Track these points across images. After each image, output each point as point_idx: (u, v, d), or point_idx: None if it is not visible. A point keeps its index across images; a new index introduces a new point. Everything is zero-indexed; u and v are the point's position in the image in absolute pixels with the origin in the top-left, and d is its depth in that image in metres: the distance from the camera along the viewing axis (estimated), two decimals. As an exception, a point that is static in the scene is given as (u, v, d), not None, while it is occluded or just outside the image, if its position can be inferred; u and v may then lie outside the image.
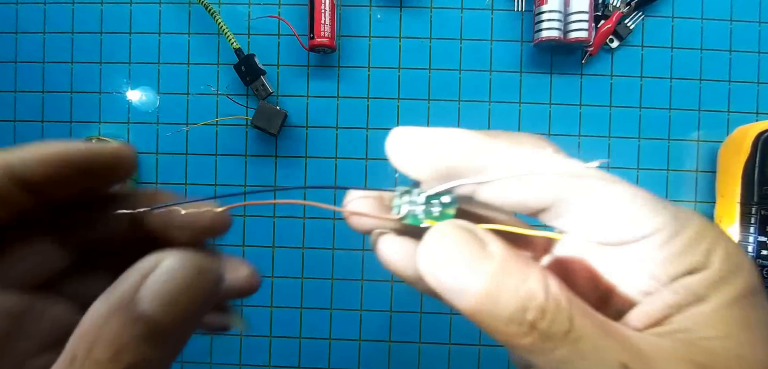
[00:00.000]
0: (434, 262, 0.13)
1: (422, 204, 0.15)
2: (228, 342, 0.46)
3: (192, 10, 0.45)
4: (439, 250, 0.13)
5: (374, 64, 0.45)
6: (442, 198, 0.15)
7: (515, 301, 0.13)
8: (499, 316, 0.13)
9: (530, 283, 0.13)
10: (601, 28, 0.43)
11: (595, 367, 0.13)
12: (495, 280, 0.13)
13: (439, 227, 0.14)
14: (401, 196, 0.16)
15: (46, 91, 0.45)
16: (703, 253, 0.14)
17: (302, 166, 0.45)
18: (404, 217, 0.15)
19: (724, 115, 0.44)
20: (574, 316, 0.13)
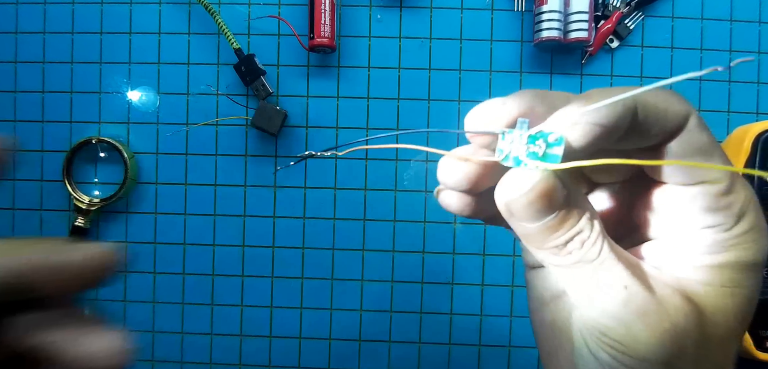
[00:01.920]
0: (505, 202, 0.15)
1: (525, 145, 0.15)
2: (228, 342, 0.46)
3: (192, 10, 0.45)
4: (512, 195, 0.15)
5: (374, 64, 0.45)
6: (549, 137, 0.14)
7: (564, 238, 0.15)
8: (544, 244, 0.16)
9: (581, 223, 0.15)
10: (601, 28, 0.43)
11: (602, 286, 0.16)
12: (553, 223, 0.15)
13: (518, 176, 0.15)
14: (504, 139, 0.15)
15: (46, 91, 0.45)
16: (735, 216, 0.16)
17: (302, 166, 0.45)
18: (506, 159, 0.15)
19: (724, 115, 0.44)
20: (603, 248, 0.16)
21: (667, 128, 0.16)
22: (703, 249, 0.17)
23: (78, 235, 0.44)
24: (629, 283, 0.16)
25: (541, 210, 0.15)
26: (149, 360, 0.46)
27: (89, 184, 0.45)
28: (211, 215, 0.45)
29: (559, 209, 0.15)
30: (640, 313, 0.15)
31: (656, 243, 0.18)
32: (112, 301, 0.46)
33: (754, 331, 0.39)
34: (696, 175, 0.16)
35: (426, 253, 0.45)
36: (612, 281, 0.16)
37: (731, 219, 0.16)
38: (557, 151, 0.14)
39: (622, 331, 0.15)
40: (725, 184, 0.16)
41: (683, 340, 0.16)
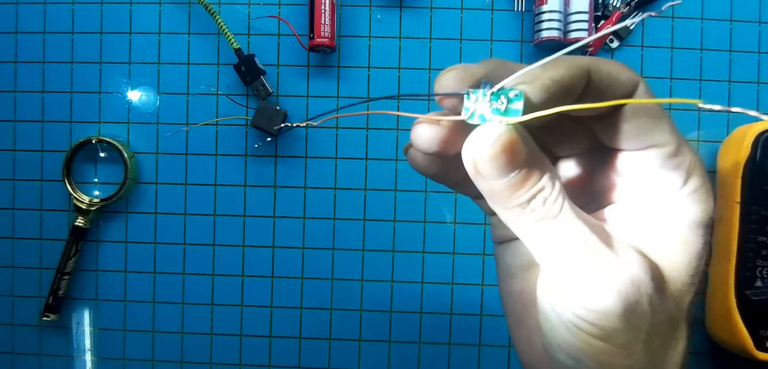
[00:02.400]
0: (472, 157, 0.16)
1: (488, 102, 0.16)
2: (228, 342, 0.46)
3: (192, 10, 0.45)
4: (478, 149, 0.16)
5: (374, 64, 0.45)
6: (510, 94, 0.15)
7: (527, 195, 0.16)
8: (509, 202, 0.16)
9: (543, 181, 0.16)
10: (601, 28, 0.43)
11: (563, 241, 0.16)
12: (516, 180, 0.16)
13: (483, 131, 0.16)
14: (469, 99, 0.16)
15: (46, 91, 0.45)
16: (684, 175, 0.17)
17: (302, 166, 0.45)
18: (471, 117, 0.16)
19: (724, 115, 0.44)
20: (564, 205, 0.16)
21: (618, 92, 0.17)
22: (656, 209, 0.18)
23: (78, 235, 0.44)
24: (588, 238, 0.16)
25: (506, 164, 0.15)
26: (149, 360, 0.46)
27: (89, 184, 0.46)
28: (211, 215, 0.45)
29: (522, 166, 0.16)
30: (599, 267, 0.16)
31: (614, 207, 0.19)
32: (113, 301, 0.46)
33: (754, 331, 0.39)
34: (646, 139, 0.17)
35: (426, 253, 0.45)
36: (572, 236, 0.16)
37: (680, 179, 0.17)
38: (518, 106, 0.15)
39: (583, 285, 0.16)
40: (673, 147, 0.17)
41: (640, 293, 0.16)
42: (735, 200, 0.40)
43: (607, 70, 0.17)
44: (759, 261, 0.40)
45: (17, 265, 0.46)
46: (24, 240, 0.46)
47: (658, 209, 0.18)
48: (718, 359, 0.44)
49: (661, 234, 0.18)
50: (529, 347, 0.22)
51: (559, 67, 0.16)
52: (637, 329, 0.17)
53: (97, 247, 0.46)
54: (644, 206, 0.18)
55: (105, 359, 0.46)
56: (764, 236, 0.39)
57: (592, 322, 0.16)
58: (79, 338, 0.46)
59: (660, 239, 0.18)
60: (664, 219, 0.18)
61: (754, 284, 0.40)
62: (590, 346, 0.17)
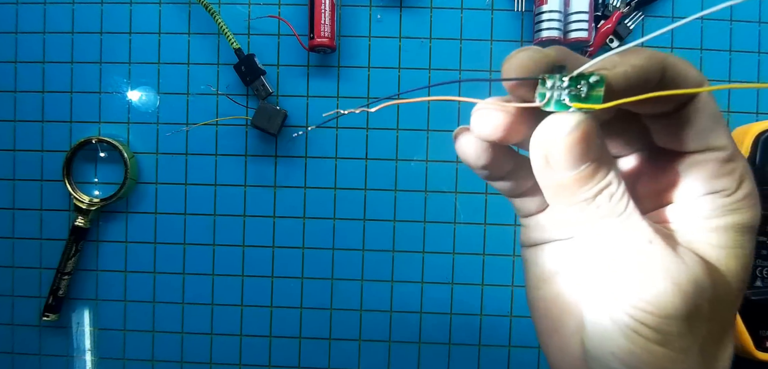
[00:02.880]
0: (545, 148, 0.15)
1: (566, 88, 0.15)
2: (228, 342, 0.46)
3: (192, 10, 0.45)
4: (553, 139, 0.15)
5: (374, 64, 0.45)
6: (591, 79, 0.14)
7: (595, 191, 0.16)
8: (575, 197, 0.16)
9: (610, 176, 0.16)
10: (601, 28, 0.43)
11: (627, 239, 0.16)
12: (586, 173, 0.16)
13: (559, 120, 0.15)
14: (544, 84, 0.15)
15: (46, 91, 0.45)
16: (737, 180, 0.17)
17: (302, 166, 0.45)
18: (548, 103, 0.15)
19: (724, 115, 0.44)
20: (629, 204, 0.16)
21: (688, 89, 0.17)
22: (711, 213, 0.18)
23: (78, 235, 0.44)
24: (653, 239, 0.16)
25: (580, 155, 0.15)
26: (149, 360, 0.46)
27: (89, 184, 0.46)
28: (211, 215, 0.45)
29: (594, 159, 0.15)
30: (664, 268, 0.16)
31: (669, 209, 0.19)
32: (113, 302, 0.46)
33: (754, 331, 0.39)
34: (706, 141, 0.17)
35: (426, 253, 0.45)
36: (637, 235, 0.16)
37: (734, 184, 0.17)
38: (599, 92, 0.14)
39: (648, 286, 0.16)
40: (729, 152, 0.17)
41: (701, 296, 0.16)
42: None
43: (680, 65, 0.16)
44: (759, 261, 0.40)
45: (17, 265, 0.46)
46: (24, 240, 0.46)
47: (711, 213, 0.18)
48: (718, 359, 0.44)
49: (716, 238, 0.18)
50: (563, 354, 0.21)
51: (638, 55, 0.15)
52: (696, 333, 0.16)
53: (97, 247, 0.46)
54: (698, 210, 0.18)
55: (105, 359, 0.46)
56: (764, 236, 0.39)
57: (654, 326, 0.16)
58: (79, 338, 0.46)
59: (716, 243, 0.18)
60: (720, 222, 0.18)
61: (754, 284, 0.40)
62: (648, 352, 0.16)
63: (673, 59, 0.16)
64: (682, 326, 0.16)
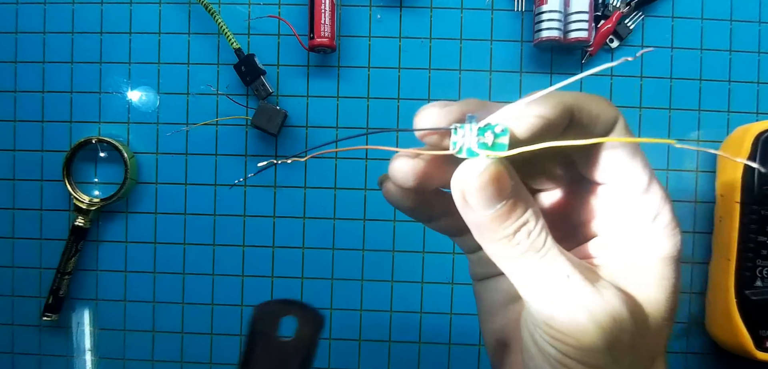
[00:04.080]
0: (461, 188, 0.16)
1: (475, 137, 0.16)
2: (228, 342, 0.46)
3: (192, 10, 0.45)
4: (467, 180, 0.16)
5: (374, 64, 0.45)
6: (495, 129, 0.16)
7: (513, 228, 0.16)
8: (495, 234, 0.17)
9: (528, 215, 0.17)
10: (601, 28, 0.43)
11: (547, 275, 0.17)
12: (502, 211, 0.16)
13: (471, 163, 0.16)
14: (456, 133, 0.17)
15: (46, 91, 0.45)
16: (655, 211, 0.18)
17: (302, 166, 0.45)
18: (460, 151, 0.17)
19: (724, 115, 0.44)
20: (547, 240, 0.17)
21: (598, 129, 0.17)
22: (632, 244, 0.19)
23: (78, 235, 0.44)
24: (571, 273, 0.17)
25: (493, 195, 0.16)
26: (149, 360, 0.46)
27: (89, 184, 0.46)
28: (211, 215, 0.45)
29: (508, 198, 0.16)
30: (581, 302, 0.16)
31: (595, 241, 0.20)
32: (113, 301, 0.46)
33: (754, 331, 0.39)
34: (622, 173, 0.18)
35: (426, 253, 0.45)
36: (555, 271, 0.17)
37: (651, 213, 0.18)
38: (504, 141, 0.16)
39: (566, 319, 0.17)
40: (646, 182, 0.18)
41: (621, 329, 0.17)
42: (735, 200, 0.40)
43: (589, 106, 0.17)
44: (759, 261, 0.40)
45: (17, 265, 0.46)
46: (24, 240, 0.46)
47: (634, 243, 0.18)
48: (718, 359, 0.44)
49: (639, 269, 0.18)
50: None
51: (543, 104, 0.16)
52: (619, 364, 0.17)
53: (97, 247, 0.46)
54: (622, 241, 0.19)
55: (105, 359, 0.46)
56: (764, 236, 0.39)
57: (575, 358, 0.17)
58: (79, 338, 0.46)
59: (638, 274, 0.18)
60: (641, 253, 0.18)
61: (754, 284, 0.40)
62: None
63: (582, 100, 0.17)
64: (604, 358, 0.16)
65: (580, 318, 0.16)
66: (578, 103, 0.17)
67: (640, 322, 0.18)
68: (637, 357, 0.18)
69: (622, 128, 0.18)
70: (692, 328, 0.44)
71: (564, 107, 0.16)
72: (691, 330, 0.44)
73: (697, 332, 0.44)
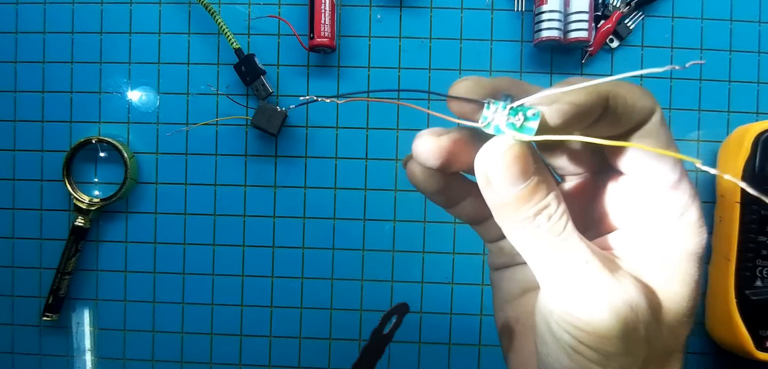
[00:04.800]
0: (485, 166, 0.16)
1: (506, 115, 0.16)
2: (228, 342, 0.46)
3: (192, 10, 0.45)
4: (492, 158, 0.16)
5: (374, 64, 0.45)
6: (528, 112, 0.16)
7: (534, 210, 0.16)
8: (516, 215, 0.17)
9: (550, 198, 0.16)
10: (601, 28, 0.43)
11: (566, 260, 0.17)
12: (525, 192, 0.16)
13: (497, 141, 0.16)
14: (488, 108, 0.17)
15: (46, 91, 0.45)
16: (682, 207, 0.18)
17: (302, 166, 0.45)
18: (488, 126, 0.17)
19: (724, 115, 0.44)
20: (567, 224, 0.17)
21: (633, 119, 0.17)
22: (657, 238, 0.18)
23: (78, 235, 0.44)
24: (590, 259, 0.17)
25: (515, 175, 0.16)
26: (149, 360, 0.46)
27: (89, 184, 0.46)
28: (211, 215, 0.45)
29: (530, 179, 0.16)
30: (599, 289, 0.16)
31: (617, 234, 0.20)
32: (113, 301, 0.46)
33: (754, 331, 0.39)
34: (653, 166, 0.18)
35: (426, 253, 0.45)
36: (574, 256, 0.17)
37: (680, 209, 0.18)
38: (533, 125, 0.16)
39: (582, 306, 0.16)
40: (676, 177, 0.18)
41: (638, 319, 0.17)
42: (735, 200, 0.40)
43: (625, 96, 0.17)
44: (759, 261, 0.40)
45: (17, 265, 0.46)
46: (24, 240, 0.46)
47: (659, 238, 0.18)
48: (718, 359, 0.44)
49: (662, 263, 0.18)
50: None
51: (579, 91, 0.16)
52: (633, 355, 0.17)
53: (97, 247, 0.46)
54: (646, 234, 0.19)
55: (105, 359, 0.46)
56: (764, 236, 0.39)
57: (590, 345, 0.16)
58: (79, 338, 0.46)
59: (661, 268, 0.18)
60: (665, 248, 0.18)
61: (754, 284, 0.40)
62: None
63: (619, 89, 0.17)
64: (618, 347, 0.16)
65: (597, 305, 0.16)
66: (614, 92, 0.16)
67: (659, 316, 0.18)
68: (652, 351, 0.17)
69: (658, 120, 0.17)
70: (692, 328, 0.44)
71: (598, 95, 0.16)
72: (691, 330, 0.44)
73: (697, 332, 0.44)
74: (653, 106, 0.17)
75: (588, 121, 0.17)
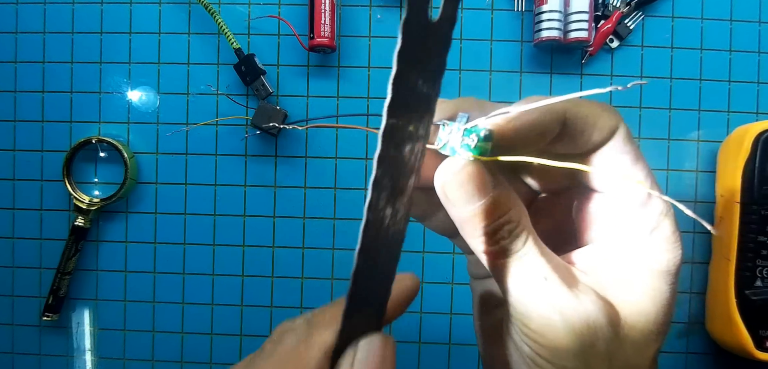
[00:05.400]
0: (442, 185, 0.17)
1: (461, 136, 0.16)
2: (228, 342, 0.46)
3: (192, 10, 0.45)
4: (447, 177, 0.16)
5: (374, 64, 0.45)
6: (481, 132, 0.16)
7: (493, 226, 0.17)
8: (475, 231, 0.17)
9: (510, 214, 0.17)
10: (601, 28, 0.43)
11: (524, 275, 0.17)
12: (482, 209, 0.16)
13: (452, 161, 0.16)
14: (444, 129, 0.17)
15: (46, 91, 0.45)
16: (653, 224, 0.18)
17: (302, 166, 0.45)
18: (443, 147, 0.17)
19: (724, 115, 0.44)
20: (528, 240, 0.17)
21: (594, 137, 0.17)
22: (627, 254, 0.18)
23: (78, 235, 0.44)
24: (548, 275, 0.17)
25: (471, 193, 0.16)
26: (149, 360, 0.46)
27: (89, 184, 0.46)
28: (211, 215, 0.45)
29: (487, 196, 0.16)
30: (556, 304, 0.17)
31: (587, 249, 0.20)
32: (113, 301, 0.46)
33: (754, 331, 0.39)
34: (619, 184, 0.18)
35: (426, 253, 0.45)
36: (534, 271, 0.17)
37: (650, 225, 0.18)
38: (486, 145, 0.16)
39: (540, 321, 0.17)
40: (646, 193, 0.18)
41: (595, 336, 0.17)
42: (735, 200, 0.40)
43: (584, 114, 0.17)
44: (759, 261, 0.40)
45: (17, 265, 0.46)
46: (24, 240, 0.46)
47: (628, 254, 0.18)
48: (718, 359, 0.44)
49: (631, 280, 0.18)
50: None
51: (534, 110, 0.16)
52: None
53: (97, 247, 0.46)
54: (616, 250, 0.19)
55: (105, 359, 0.46)
56: (764, 236, 0.39)
57: (547, 359, 0.17)
58: (79, 338, 0.46)
59: (629, 285, 0.18)
60: (634, 265, 0.18)
61: (754, 284, 0.40)
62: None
63: (577, 107, 0.17)
64: (576, 362, 0.16)
65: (554, 320, 0.16)
66: (572, 110, 0.17)
67: (621, 333, 0.17)
68: (614, 366, 0.17)
69: (622, 136, 0.17)
70: (692, 328, 0.44)
71: (554, 114, 0.16)
72: (691, 330, 0.44)
73: (697, 332, 0.44)
74: (616, 124, 0.17)
75: (545, 141, 0.17)
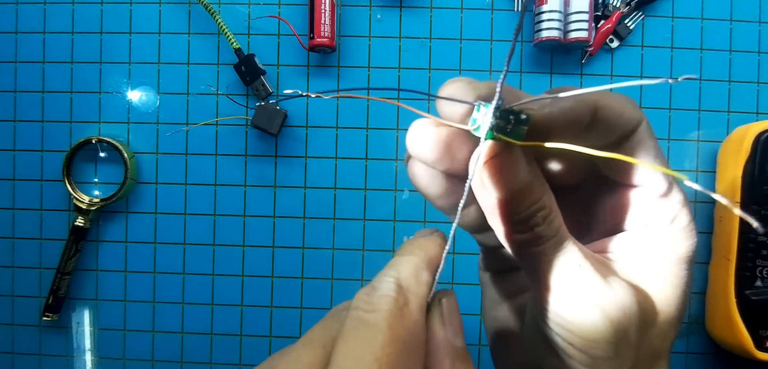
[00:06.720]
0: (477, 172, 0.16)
1: (496, 120, 0.16)
2: (228, 342, 0.46)
3: (192, 10, 0.45)
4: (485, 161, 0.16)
5: (374, 64, 0.45)
6: (519, 116, 0.15)
7: (527, 212, 0.16)
8: (507, 219, 0.17)
9: (544, 201, 0.16)
10: (601, 28, 0.43)
11: (557, 262, 0.17)
12: (518, 194, 0.16)
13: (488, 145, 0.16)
14: (479, 110, 0.16)
15: (46, 91, 0.45)
16: (673, 213, 0.18)
17: (302, 166, 0.45)
18: (477, 129, 0.16)
19: (724, 115, 0.44)
20: (560, 228, 0.17)
21: (621, 129, 0.17)
22: (649, 243, 0.19)
23: (78, 235, 0.44)
24: (582, 263, 0.17)
25: (508, 178, 0.16)
26: (149, 360, 0.46)
27: (89, 184, 0.46)
28: (211, 215, 0.45)
29: (523, 181, 0.16)
30: (591, 293, 0.16)
31: (612, 238, 0.20)
32: (113, 301, 0.46)
33: (754, 331, 0.39)
34: (641, 176, 0.18)
35: (426, 253, 0.45)
36: (567, 259, 0.17)
37: (670, 215, 0.18)
38: (522, 129, 0.15)
39: (575, 309, 0.16)
40: (666, 185, 0.18)
41: (629, 324, 0.17)
42: (735, 200, 0.40)
43: (613, 105, 0.17)
44: (759, 261, 0.40)
45: (17, 265, 0.46)
46: (24, 240, 0.46)
47: (651, 243, 0.19)
48: (718, 359, 0.44)
49: (654, 268, 0.18)
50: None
51: (568, 99, 0.16)
52: (623, 358, 0.17)
53: (97, 247, 0.46)
54: (639, 240, 0.19)
55: (105, 359, 0.46)
56: (764, 236, 0.39)
57: (580, 348, 0.17)
58: (79, 338, 0.46)
59: (653, 273, 0.18)
60: (657, 253, 0.18)
61: (754, 284, 0.40)
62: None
63: (607, 99, 0.17)
64: (608, 350, 0.16)
65: (590, 309, 0.16)
66: (602, 101, 0.17)
67: (649, 319, 0.18)
68: (640, 354, 0.17)
69: (644, 130, 0.18)
70: (692, 328, 0.44)
71: (587, 104, 0.16)
72: (691, 330, 0.44)
73: (697, 332, 0.44)
74: (640, 117, 0.18)
75: (577, 130, 0.17)
